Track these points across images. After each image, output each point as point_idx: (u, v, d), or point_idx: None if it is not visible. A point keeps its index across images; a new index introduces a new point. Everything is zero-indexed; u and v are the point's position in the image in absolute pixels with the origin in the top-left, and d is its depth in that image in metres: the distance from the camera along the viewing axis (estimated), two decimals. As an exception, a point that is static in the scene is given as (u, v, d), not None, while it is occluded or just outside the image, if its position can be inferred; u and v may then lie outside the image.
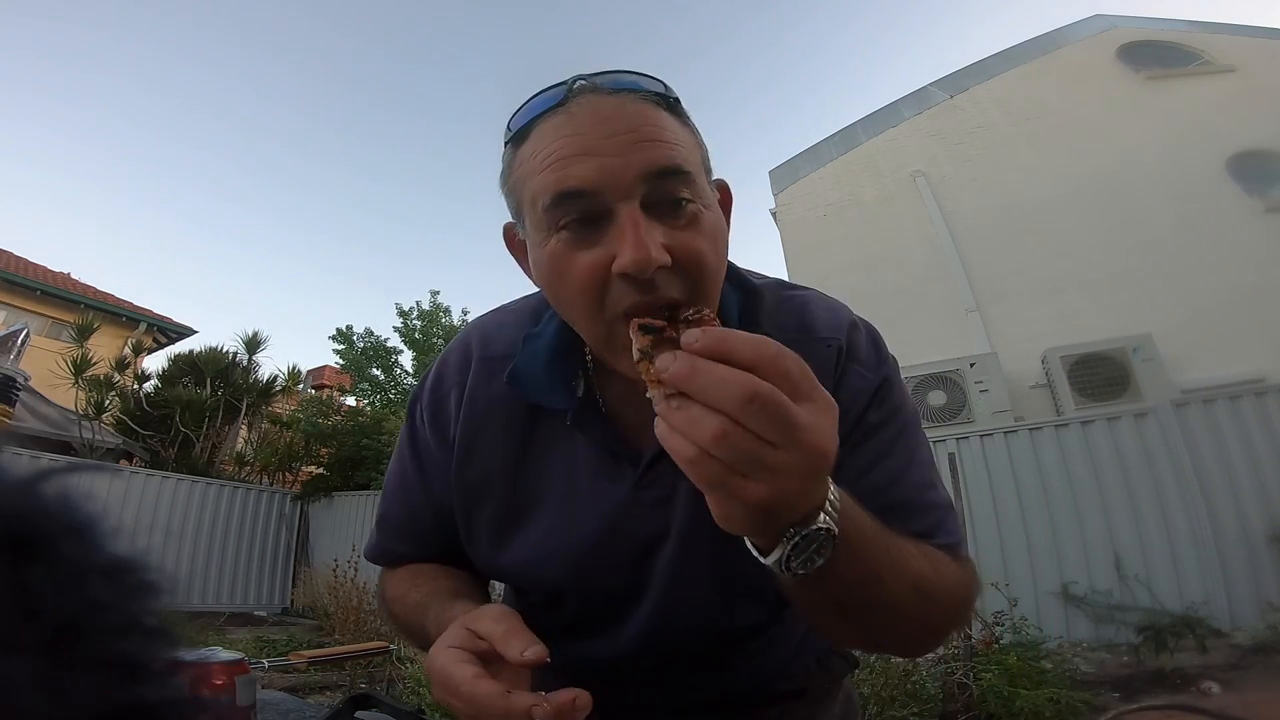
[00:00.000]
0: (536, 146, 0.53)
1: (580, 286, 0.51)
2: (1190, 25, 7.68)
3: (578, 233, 0.51)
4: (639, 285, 0.49)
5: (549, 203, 0.51)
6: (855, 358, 0.64)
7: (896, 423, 0.63)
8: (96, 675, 0.20)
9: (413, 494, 0.71)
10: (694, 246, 0.51)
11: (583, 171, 0.50)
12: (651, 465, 0.62)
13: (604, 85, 0.53)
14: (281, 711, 0.84)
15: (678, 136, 0.53)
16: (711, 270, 0.53)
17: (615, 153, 0.50)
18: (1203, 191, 5.90)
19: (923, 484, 0.62)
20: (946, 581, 0.55)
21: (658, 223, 0.50)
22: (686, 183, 0.52)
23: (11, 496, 0.22)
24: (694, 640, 0.66)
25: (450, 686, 0.48)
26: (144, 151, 41.50)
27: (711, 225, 0.54)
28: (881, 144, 7.68)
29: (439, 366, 0.71)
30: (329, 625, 5.89)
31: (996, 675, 2.80)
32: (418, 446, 0.70)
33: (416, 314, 9.35)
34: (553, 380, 0.61)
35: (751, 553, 0.47)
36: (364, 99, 54.72)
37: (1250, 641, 3.35)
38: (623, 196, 0.49)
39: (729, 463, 0.37)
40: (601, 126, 0.51)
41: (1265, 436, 3.80)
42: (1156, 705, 2.73)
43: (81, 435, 7.72)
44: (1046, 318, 5.64)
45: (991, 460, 4.31)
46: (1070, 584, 3.93)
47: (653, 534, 0.63)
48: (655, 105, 0.53)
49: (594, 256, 0.50)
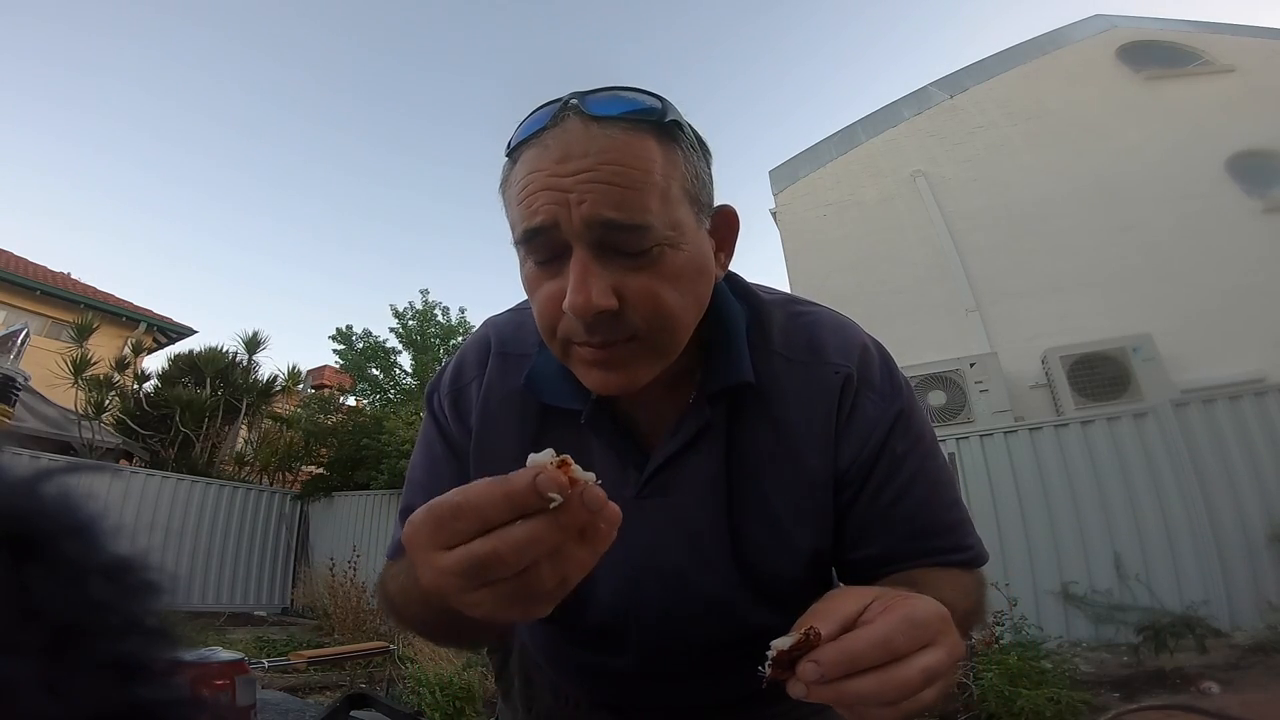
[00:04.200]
0: (517, 173, 0.54)
1: (540, 311, 0.55)
2: (1190, 25, 7.68)
3: (543, 264, 0.54)
4: (584, 324, 0.51)
5: (519, 236, 0.53)
6: (870, 385, 0.64)
7: (919, 452, 0.64)
8: (97, 676, 0.20)
9: (441, 479, 0.70)
10: (648, 289, 0.52)
11: (544, 209, 0.51)
12: (656, 473, 0.62)
13: (590, 108, 0.52)
14: (281, 711, 0.85)
15: (649, 173, 0.51)
16: (672, 309, 0.53)
17: (570, 190, 0.50)
18: (1203, 191, 5.90)
19: (946, 504, 0.64)
20: (974, 602, 0.63)
21: (611, 265, 0.51)
22: (640, 231, 0.51)
23: (11, 496, 0.22)
24: (699, 642, 0.67)
25: (432, 522, 0.37)
26: (144, 152, 41.53)
27: (677, 265, 0.53)
28: (881, 144, 7.68)
29: (459, 359, 0.72)
30: (329, 625, 5.90)
31: (996, 675, 2.80)
32: (442, 432, 0.71)
33: (411, 314, 9.36)
34: (567, 380, 0.62)
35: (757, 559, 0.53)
36: (364, 99, 54.74)
37: (1250, 641, 3.35)
38: (575, 237, 0.51)
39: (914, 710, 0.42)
40: (565, 164, 0.51)
41: (1265, 436, 3.80)
42: (1156, 705, 2.73)
43: (81, 435, 7.72)
44: (1046, 318, 5.64)
45: (991, 460, 4.31)
46: (1070, 584, 3.93)
47: (653, 535, 0.63)
48: (636, 132, 0.52)
49: (552, 288, 0.53)
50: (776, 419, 0.62)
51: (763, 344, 0.64)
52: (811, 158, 8.04)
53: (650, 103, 0.54)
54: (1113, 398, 4.78)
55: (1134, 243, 5.79)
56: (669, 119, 0.54)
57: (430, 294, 9.57)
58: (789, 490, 0.62)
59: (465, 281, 45.42)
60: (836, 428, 0.62)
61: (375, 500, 7.51)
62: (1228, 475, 3.82)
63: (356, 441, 7.97)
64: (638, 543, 0.63)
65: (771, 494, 0.62)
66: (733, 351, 0.61)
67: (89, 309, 10.46)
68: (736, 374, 0.61)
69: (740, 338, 0.62)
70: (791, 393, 0.63)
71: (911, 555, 0.62)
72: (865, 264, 6.72)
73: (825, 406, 0.62)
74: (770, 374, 0.63)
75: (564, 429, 0.64)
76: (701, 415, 0.61)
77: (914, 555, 0.62)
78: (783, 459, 0.62)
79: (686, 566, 0.63)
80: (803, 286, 6.67)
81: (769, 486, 0.62)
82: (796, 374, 0.63)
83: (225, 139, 47.13)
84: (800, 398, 0.63)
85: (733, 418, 0.63)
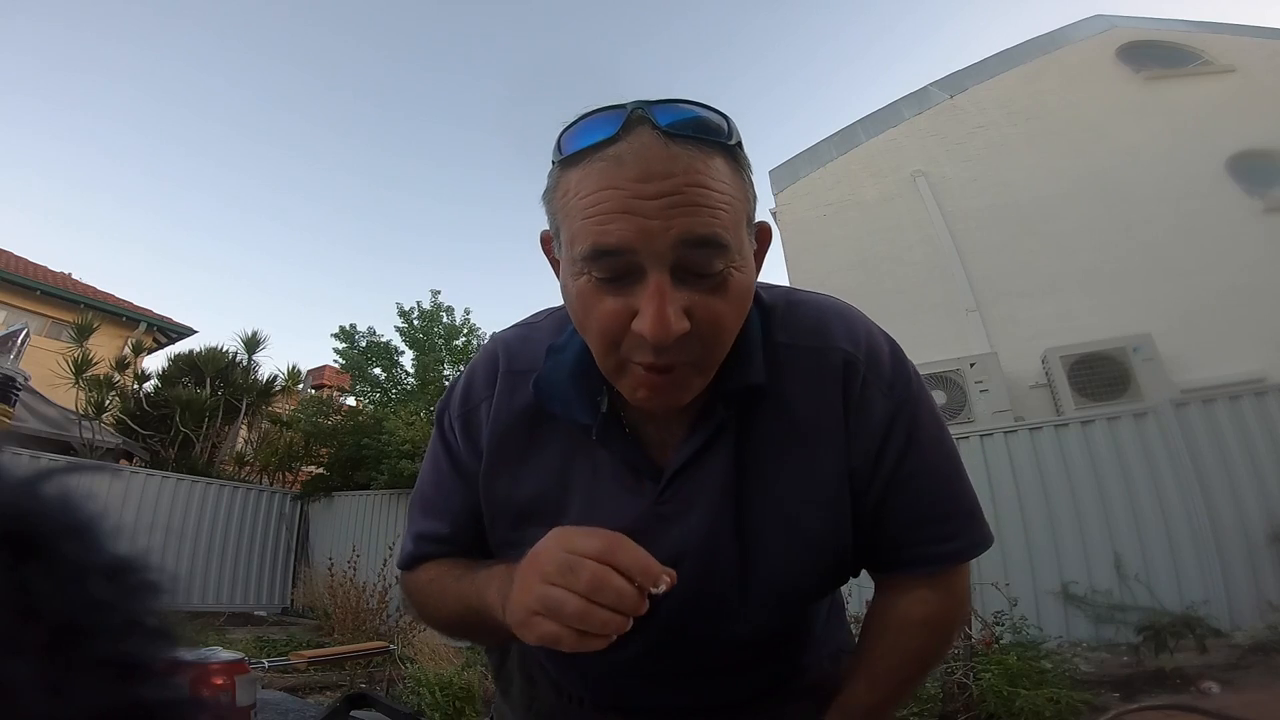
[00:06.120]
0: (582, 184, 0.52)
1: (601, 329, 0.53)
2: (1190, 25, 7.67)
3: (606, 281, 0.52)
4: (654, 348, 0.51)
5: (586, 253, 0.51)
6: (879, 374, 0.64)
7: (924, 442, 0.64)
8: (97, 675, 0.20)
9: (448, 498, 0.71)
10: (715, 312, 0.53)
11: (621, 231, 0.49)
12: (671, 481, 0.62)
13: (662, 123, 0.50)
14: (281, 711, 0.85)
15: (725, 194, 0.51)
16: (727, 332, 0.55)
17: (654, 215, 0.49)
18: (1202, 191, 5.89)
19: (946, 496, 0.66)
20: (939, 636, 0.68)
21: (684, 287, 0.51)
22: (721, 253, 0.51)
23: (11, 496, 0.22)
24: (707, 649, 0.67)
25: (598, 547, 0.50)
26: (145, 152, 41.54)
27: (739, 287, 0.54)
28: (881, 144, 7.67)
29: (467, 379, 0.72)
30: (329, 625, 5.90)
31: (996, 675, 2.80)
32: (452, 454, 0.71)
33: (417, 314, 9.33)
34: (577, 394, 0.62)
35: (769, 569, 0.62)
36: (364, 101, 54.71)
37: (1250, 641, 3.35)
38: (655, 260, 0.50)
39: None
40: (647, 184, 0.49)
41: (1265, 436, 3.79)
42: (1156, 705, 2.72)
43: (81, 435, 7.72)
44: (1046, 317, 5.63)
45: (991, 460, 4.31)
46: (1070, 584, 3.92)
47: (671, 546, 0.63)
48: (710, 153, 0.51)
49: (619, 305, 0.52)
50: (785, 412, 0.63)
51: (767, 337, 0.64)
52: (811, 158, 8.03)
53: (718, 121, 0.53)
54: (1113, 398, 4.77)
55: (1134, 243, 5.79)
56: (734, 140, 0.53)
57: (441, 296, 9.50)
58: (801, 487, 0.63)
59: (465, 282, 45.48)
60: (846, 416, 0.62)
61: (375, 500, 7.51)
62: (1228, 475, 3.81)
63: (356, 441, 7.96)
64: (656, 548, 0.63)
65: (784, 492, 0.63)
66: (747, 353, 0.61)
67: (89, 309, 10.45)
68: (750, 375, 0.61)
69: (755, 339, 0.62)
70: (799, 381, 0.63)
71: (900, 545, 0.65)
72: (865, 264, 6.72)
73: (833, 393, 0.62)
74: (775, 364, 0.63)
75: (574, 442, 0.65)
76: (715, 418, 0.61)
77: (903, 545, 0.65)
78: (794, 454, 0.62)
79: (700, 571, 0.63)
80: (803, 286, 6.63)
81: (781, 485, 0.63)
82: (800, 359, 0.63)
83: (225, 139, 47.17)
84: (808, 385, 0.63)
85: (742, 417, 0.63)
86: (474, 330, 9.53)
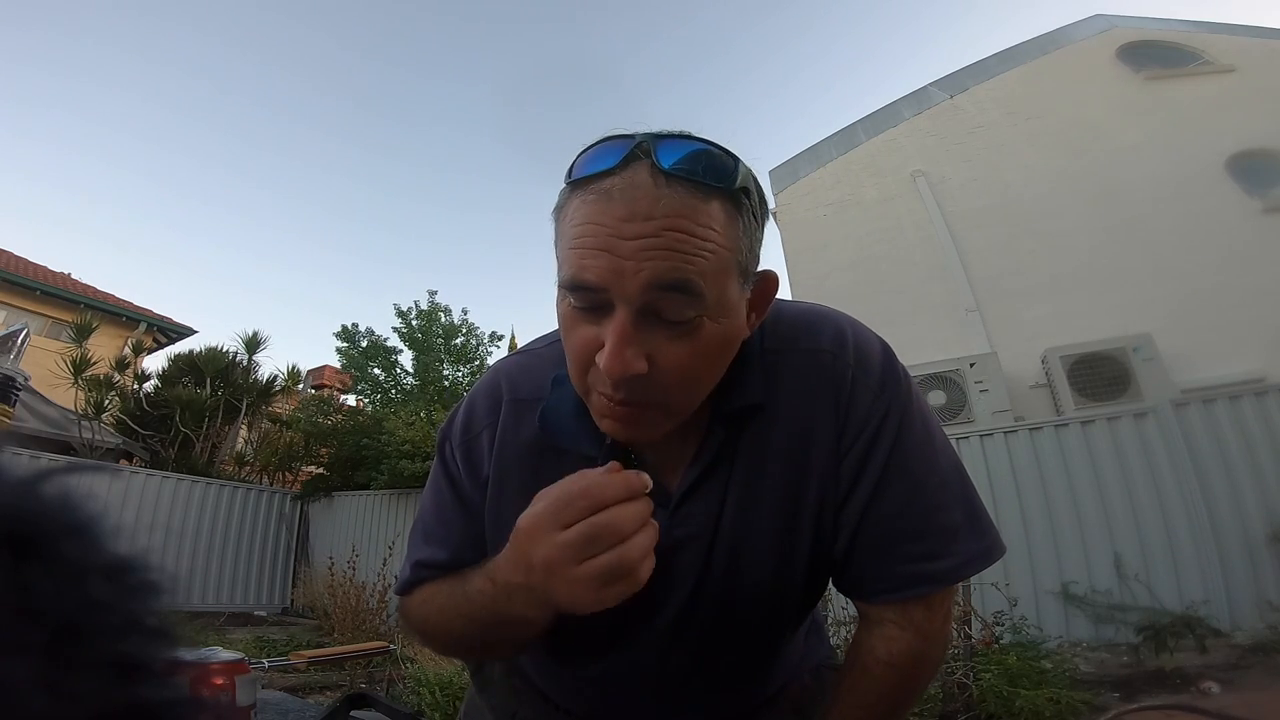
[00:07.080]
0: (576, 213, 0.53)
1: (574, 354, 0.56)
2: (1190, 25, 7.67)
3: (582, 310, 0.54)
4: (611, 384, 0.53)
5: (566, 282, 0.53)
6: (867, 376, 0.63)
7: (906, 446, 0.62)
8: (97, 675, 0.20)
9: (449, 526, 0.71)
10: (677, 359, 0.53)
11: (596, 269, 0.50)
12: (680, 504, 0.63)
13: (663, 161, 0.50)
14: (281, 711, 0.85)
15: (710, 241, 0.51)
16: (693, 381, 0.55)
17: (629, 256, 0.50)
18: (1202, 191, 5.89)
19: (930, 509, 0.62)
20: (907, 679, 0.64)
21: (651, 331, 0.52)
22: (693, 301, 0.51)
23: (11, 496, 0.22)
24: (701, 661, 0.68)
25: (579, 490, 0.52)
26: (145, 153, 41.50)
27: (713, 338, 0.54)
28: (881, 144, 7.67)
29: (468, 408, 0.72)
30: (329, 625, 5.90)
31: (996, 675, 2.80)
32: (454, 482, 0.71)
33: (415, 314, 9.35)
34: (581, 425, 0.62)
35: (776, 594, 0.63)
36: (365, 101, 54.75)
37: (1250, 641, 3.35)
38: (623, 300, 0.51)
39: None
40: (628, 224, 0.50)
41: (1265, 436, 3.79)
42: (1156, 705, 2.72)
43: (81, 435, 7.72)
44: (1046, 317, 5.63)
45: (991, 460, 4.31)
46: (1070, 584, 3.93)
47: (686, 568, 0.64)
48: (707, 197, 0.51)
49: (590, 334, 0.54)
50: (782, 423, 0.63)
51: (758, 352, 0.64)
52: (812, 157, 8.03)
53: (724, 163, 0.53)
54: (1113, 398, 4.77)
55: (1134, 243, 5.78)
56: (738, 185, 0.53)
57: (438, 295, 9.53)
58: (795, 500, 0.63)
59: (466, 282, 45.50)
60: (837, 417, 0.62)
61: (375, 500, 7.51)
62: (1228, 475, 3.81)
63: (356, 442, 7.96)
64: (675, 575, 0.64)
65: (779, 506, 0.63)
66: (745, 372, 0.61)
67: (89, 309, 10.45)
68: (748, 395, 0.61)
69: (753, 358, 0.62)
70: (791, 388, 0.63)
71: (869, 563, 0.63)
72: (865, 264, 6.72)
73: (824, 396, 0.62)
74: (769, 376, 0.63)
75: (581, 469, 0.65)
76: (715, 439, 0.62)
77: (874, 562, 0.63)
78: (790, 466, 0.62)
79: (713, 588, 0.64)
80: (803, 286, 6.67)
81: (777, 499, 0.63)
82: (791, 365, 0.63)
83: (225, 140, 47.16)
84: (800, 391, 0.63)
85: (741, 433, 0.63)
86: (472, 330, 9.55)
